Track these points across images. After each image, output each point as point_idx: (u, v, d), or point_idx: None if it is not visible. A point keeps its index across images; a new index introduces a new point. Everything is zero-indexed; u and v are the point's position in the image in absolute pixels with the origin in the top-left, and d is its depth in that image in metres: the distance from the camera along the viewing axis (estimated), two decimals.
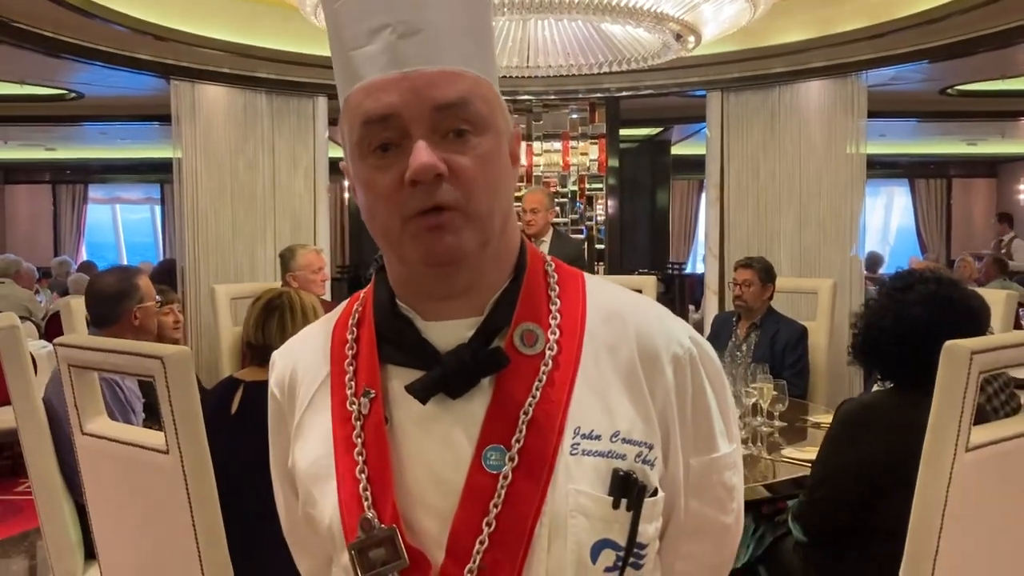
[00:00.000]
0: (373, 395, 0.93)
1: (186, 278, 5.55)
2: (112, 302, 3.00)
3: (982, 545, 2.06)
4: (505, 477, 0.88)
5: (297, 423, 1.01)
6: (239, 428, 2.49)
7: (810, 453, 2.63)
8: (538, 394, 0.90)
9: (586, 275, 1.02)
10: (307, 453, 0.99)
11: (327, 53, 0.95)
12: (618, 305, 0.98)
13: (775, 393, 3.11)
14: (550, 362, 0.92)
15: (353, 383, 0.95)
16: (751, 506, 2.87)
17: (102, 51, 4.83)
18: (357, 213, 10.44)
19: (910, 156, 11.99)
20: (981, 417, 2.08)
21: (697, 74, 5.70)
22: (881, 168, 11.79)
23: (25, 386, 2.54)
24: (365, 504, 0.90)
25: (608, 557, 0.90)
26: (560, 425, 0.90)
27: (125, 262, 13.35)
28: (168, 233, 13.47)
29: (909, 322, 2.23)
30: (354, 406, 0.94)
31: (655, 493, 0.93)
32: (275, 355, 1.08)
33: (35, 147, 10.95)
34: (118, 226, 13.97)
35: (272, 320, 2.61)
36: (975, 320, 2.25)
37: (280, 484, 1.08)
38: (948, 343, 1.91)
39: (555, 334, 0.93)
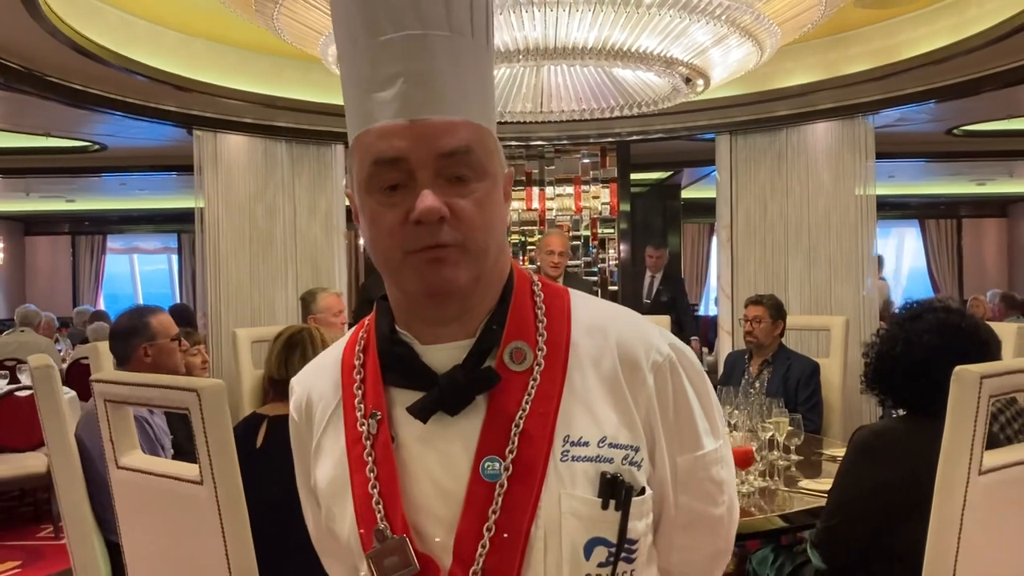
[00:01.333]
0: (379, 416, 1.01)
1: (208, 322, 5.65)
2: (123, 340, 3.04)
3: (998, 567, 2.09)
4: (501, 485, 0.96)
5: (316, 445, 1.09)
6: (264, 462, 2.53)
7: (826, 484, 2.67)
8: (527, 407, 0.98)
9: (571, 291, 1.10)
10: (325, 473, 1.07)
11: (343, 102, 1.04)
12: (600, 318, 1.06)
13: (790, 428, 3.14)
14: (538, 377, 1.00)
15: (362, 405, 1.03)
16: (770, 537, 2.90)
17: (129, 103, 4.99)
18: (371, 260, 10.65)
19: (920, 197, 12.06)
20: (995, 445, 2.13)
21: (706, 117, 5.81)
22: (892, 209, 11.87)
23: (59, 424, 2.61)
24: (378, 516, 0.98)
25: (600, 554, 0.97)
26: (550, 434, 0.97)
27: None
28: (184, 281, 13.64)
29: (919, 350, 2.29)
30: (363, 427, 1.02)
31: (643, 492, 1.00)
32: (293, 381, 1.16)
33: (56, 199, 11.15)
34: (135, 275, 14.14)
35: (294, 355, 2.67)
36: (983, 347, 2.30)
37: (307, 500, 1.16)
38: (958, 368, 1.97)
39: (542, 350, 1.01)
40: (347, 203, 6.45)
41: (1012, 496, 2.09)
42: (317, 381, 1.12)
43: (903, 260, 13.46)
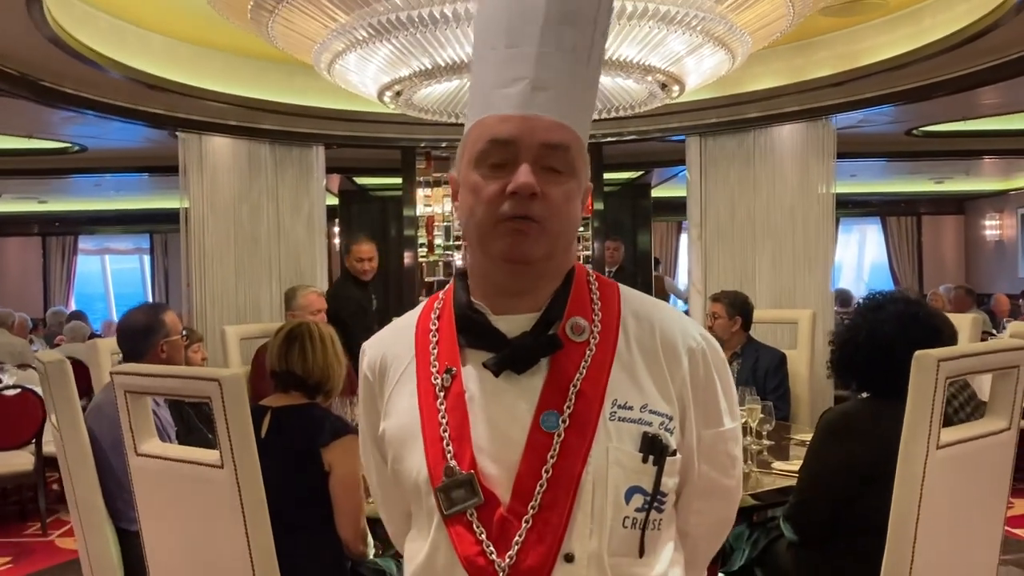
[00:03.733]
0: (454, 372, 1.20)
1: (194, 320, 5.75)
2: (141, 336, 3.15)
3: (953, 532, 2.30)
4: (559, 435, 1.15)
5: (388, 397, 1.27)
6: (269, 452, 2.66)
7: (795, 466, 2.86)
8: (584, 372, 1.18)
9: (620, 284, 1.30)
10: (396, 420, 1.25)
11: (327, 105, 1.26)
12: (645, 307, 1.27)
13: (762, 415, 3.33)
14: (593, 348, 1.20)
15: (437, 363, 1.22)
16: (743, 514, 3.10)
17: (118, 106, 5.08)
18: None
19: (881, 195, 12.39)
20: (950, 425, 2.33)
21: (677, 120, 6.01)
22: (854, 207, 12.20)
23: (73, 416, 2.71)
24: (448, 456, 1.16)
25: (638, 500, 1.17)
26: (601, 396, 1.17)
27: (114, 312, 13.50)
28: (156, 281, 13.62)
29: (881, 337, 2.49)
30: (437, 380, 1.20)
31: (674, 454, 1.20)
32: (365, 345, 1.35)
33: (28, 200, 11.11)
34: (107, 276, 14.09)
35: (294, 348, 2.77)
36: (939, 335, 2.50)
37: (371, 451, 1.34)
38: (918, 352, 2.16)
39: (597, 327, 1.21)
40: (328, 202, 6.61)
41: (964, 468, 2.29)
42: (393, 343, 1.30)
43: (865, 256, 13.81)
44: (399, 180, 7.25)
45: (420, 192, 7.06)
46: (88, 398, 3.51)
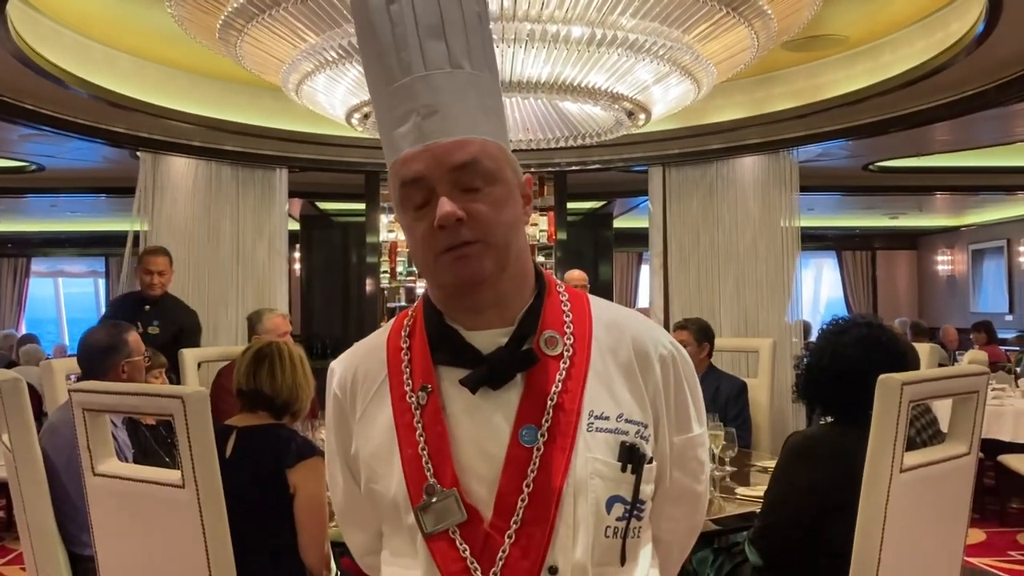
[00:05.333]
0: (430, 389, 1.19)
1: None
2: (102, 355, 3.10)
3: (916, 556, 2.32)
4: (538, 449, 1.14)
5: (360, 416, 1.25)
6: (233, 473, 2.61)
7: (758, 491, 2.88)
8: (560, 385, 1.18)
9: (588, 295, 1.31)
10: (370, 439, 1.23)
11: (291, 127, 1.26)
12: (616, 317, 1.28)
13: (725, 442, 3.35)
14: (568, 360, 1.20)
15: (410, 381, 1.21)
16: (706, 540, 3.10)
17: (79, 123, 5.01)
18: (309, 284, 10.37)
19: (837, 229, 12.62)
20: (912, 448, 2.36)
21: (641, 150, 6.08)
22: (811, 240, 12.37)
23: (27, 436, 2.63)
24: (428, 474, 1.15)
25: (618, 510, 1.18)
26: (578, 408, 1.17)
27: (66, 336, 13.22)
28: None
29: (844, 361, 2.51)
30: (412, 398, 1.19)
31: (651, 461, 1.21)
32: (334, 364, 1.33)
33: None
34: (60, 299, 13.81)
35: (262, 368, 2.73)
36: (902, 359, 2.54)
37: (340, 471, 1.32)
38: (882, 376, 2.19)
39: (570, 339, 1.21)
40: (289, 227, 6.57)
41: (926, 492, 2.32)
42: (363, 361, 1.28)
43: (821, 289, 14.03)
44: (362, 206, 7.22)
45: (383, 218, 7.04)
46: (41, 423, 3.42)
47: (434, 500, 1.13)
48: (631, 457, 1.17)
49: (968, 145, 6.59)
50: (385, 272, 7.10)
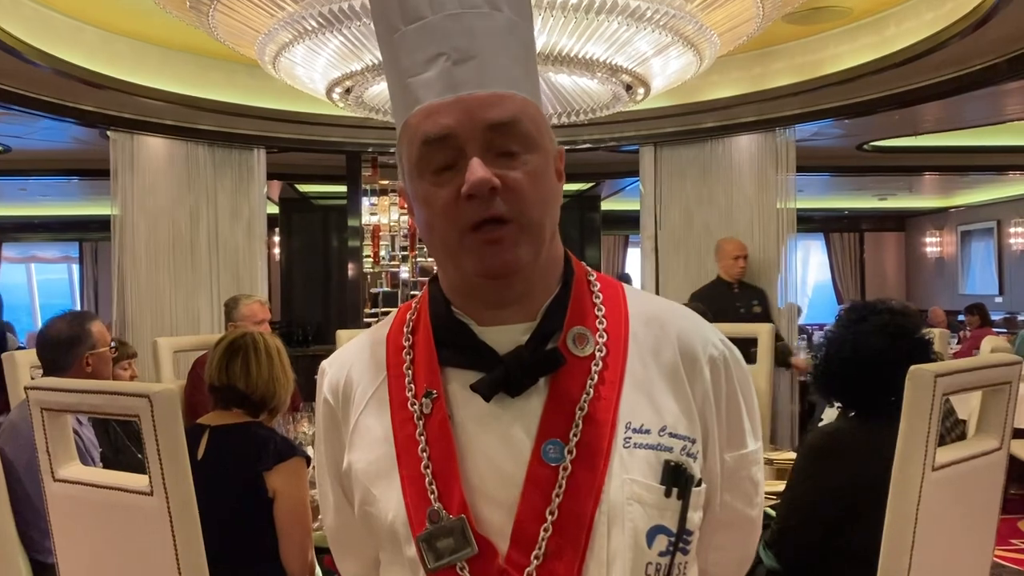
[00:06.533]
0: (435, 395, 0.98)
1: (125, 333, 5.43)
2: (64, 348, 2.92)
3: (947, 558, 2.16)
4: (565, 468, 0.94)
5: (353, 426, 1.05)
6: (206, 476, 2.44)
7: (767, 486, 2.71)
8: (591, 391, 0.97)
9: (624, 285, 1.09)
10: (366, 453, 1.03)
11: (268, 105, 1.02)
12: (657, 310, 1.07)
13: None
14: (600, 362, 0.99)
15: (413, 385, 1.00)
16: None
17: (42, 100, 4.75)
18: (288, 269, 10.17)
19: (825, 211, 12.50)
20: (940, 444, 2.20)
21: (633, 128, 5.89)
22: (799, 222, 12.25)
23: None
24: (431, 497, 0.95)
25: (661, 542, 0.96)
26: (613, 419, 0.97)
27: (39, 323, 12.91)
28: (86, 291, 13.08)
29: (868, 351, 2.34)
30: (415, 406, 0.99)
31: (699, 483, 1.00)
32: (324, 364, 1.12)
33: None
34: (33, 285, 13.50)
35: (236, 361, 2.57)
36: (927, 347, 2.38)
37: (331, 487, 1.11)
38: (913, 368, 2.02)
39: (603, 337, 1.01)
40: (268, 210, 6.35)
41: (958, 490, 2.16)
42: (357, 361, 1.08)
43: (809, 272, 13.93)
44: (343, 188, 7.03)
45: (365, 200, 6.85)
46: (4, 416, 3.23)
47: (439, 529, 0.93)
48: (677, 479, 0.97)
49: (957, 125, 6.45)
50: (368, 256, 6.92)
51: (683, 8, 3.07)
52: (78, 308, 12.73)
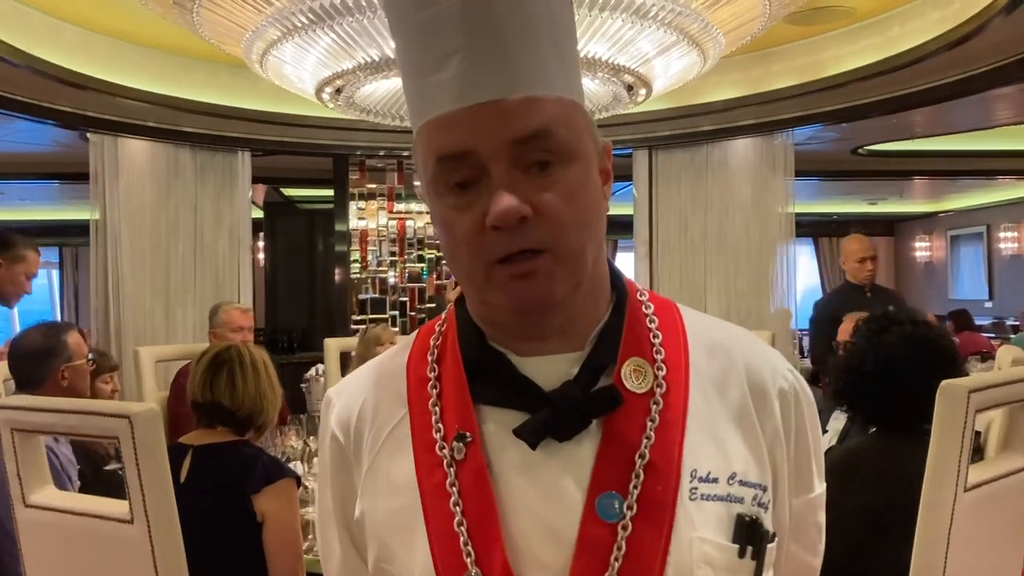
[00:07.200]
0: (470, 439, 0.84)
1: (106, 341, 5.27)
2: (37, 361, 2.78)
3: None
4: (624, 527, 0.80)
5: (368, 469, 0.90)
6: (190, 500, 2.30)
7: None
8: (652, 435, 0.83)
9: (679, 305, 0.95)
10: (384, 501, 0.88)
11: (254, 106, 0.87)
12: (720, 337, 0.93)
13: None
14: (660, 400, 0.85)
15: (441, 425, 0.86)
16: None
17: (17, 100, 4.59)
18: (273, 275, 10.02)
19: (814, 215, 12.44)
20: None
21: (628, 132, 5.78)
22: None
23: None
24: (468, 561, 0.80)
25: None
26: (677, 468, 0.83)
27: (18, 330, 12.67)
28: (66, 298, 12.85)
29: (891, 364, 2.23)
30: (444, 451, 0.85)
31: (773, 539, 0.86)
32: (331, 393, 0.98)
33: None
34: None
35: (220, 376, 2.44)
36: (954, 359, 2.27)
37: (337, 536, 0.95)
38: (945, 382, 1.90)
39: (661, 370, 0.86)
40: (252, 215, 6.21)
41: (993, 510, 2.06)
42: (371, 392, 0.93)
43: (797, 277, 13.87)
44: (330, 192, 6.90)
45: (353, 205, 6.71)
46: None
47: None
48: (752, 536, 0.82)
49: (947, 129, 6.37)
50: (355, 262, 6.78)
51: (689, 5, 2.96)
52: (59, 315, 12.53)
